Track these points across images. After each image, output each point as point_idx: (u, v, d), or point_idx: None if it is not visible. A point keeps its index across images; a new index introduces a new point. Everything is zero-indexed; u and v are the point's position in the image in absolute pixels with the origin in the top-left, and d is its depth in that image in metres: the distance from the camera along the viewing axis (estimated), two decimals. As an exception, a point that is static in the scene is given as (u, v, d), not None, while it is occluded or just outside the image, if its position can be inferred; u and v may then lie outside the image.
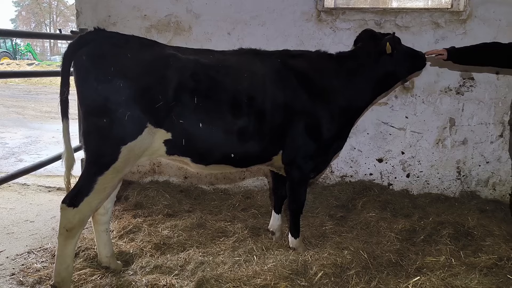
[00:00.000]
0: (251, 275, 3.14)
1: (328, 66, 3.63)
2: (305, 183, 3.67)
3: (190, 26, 5.10)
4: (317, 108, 3.43)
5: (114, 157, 2.87)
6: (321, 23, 4.90)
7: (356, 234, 4.11)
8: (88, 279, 3.18)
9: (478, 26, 4.65)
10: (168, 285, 3.00)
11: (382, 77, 3.67)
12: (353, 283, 3.15)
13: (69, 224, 2.89)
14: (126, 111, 2.81)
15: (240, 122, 3.15)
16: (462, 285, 2.92)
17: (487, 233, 4.10)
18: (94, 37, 2.93)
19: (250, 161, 3.45)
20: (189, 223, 4.27)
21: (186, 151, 3.12)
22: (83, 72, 2.83)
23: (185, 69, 2.99)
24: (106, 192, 2.99)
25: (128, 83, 2.82)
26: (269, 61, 3.41)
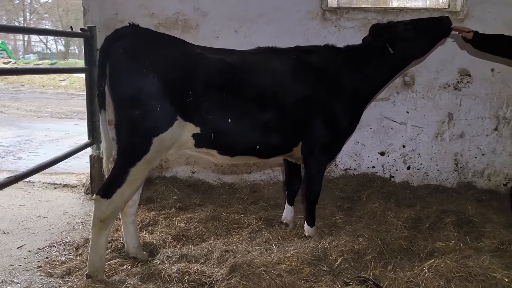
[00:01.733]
0: (276, 261, 3.28)
1: (338, 58, 3.76)
2: (322, 173, 3.85)
3: (197, 24, 5.21)
4: (332, 100, 3.61)
5: (146, 148, 2.98)
6: (326, 21, 5.08)
7: (366, 223, 4.30)
8: (119, 268, 3.28)
9: (475, 26, 4.85)
10: (199, 271, 3.11)
11: (393, 65, 3.78)
12: (371, 267, 3.33)
13: (103, 215, 3.00)
14: (158, 103, 2.92)
15: (264, 116, 3.32)
16: (475, 265, 3.12)
17: (486, 220, 4.35)
18: (129, 31, 3.05)
19: (273, 152, 3.61)
20: (203, 216, 4.39)
21: (213, 144, 3.26)
22: (118, 65, 2.92)
23: (213, 67, 3.13)
24: (138, 183, 3.10)
25: (160, 77, 2.93)
26: (286, 58, 3.57)
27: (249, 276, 2.91)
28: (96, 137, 5.27)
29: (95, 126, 5.23)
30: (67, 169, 6.43)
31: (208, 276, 3.08)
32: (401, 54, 3.69)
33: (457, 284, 3.01)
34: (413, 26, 3.68)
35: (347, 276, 3.24)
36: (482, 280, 3.00)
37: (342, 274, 3.27)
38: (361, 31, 5.05)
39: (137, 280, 3.05)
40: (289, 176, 4.19)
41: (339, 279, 3.19)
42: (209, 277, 3.07)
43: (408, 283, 3.11)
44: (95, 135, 5.25)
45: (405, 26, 3.67)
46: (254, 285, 2.84)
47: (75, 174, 6.13)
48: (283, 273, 3.08)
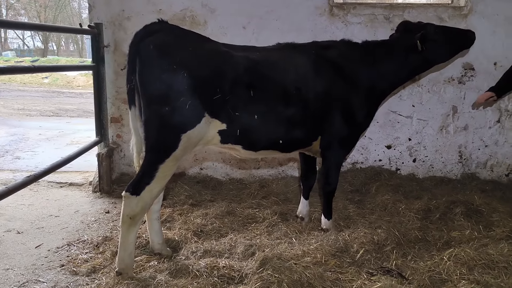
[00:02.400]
0: (300, 254, 3.34)
1: (356, 53, 3.81)
2: (339, 167, 3.92)
3: (205, 20, 5.20)
4: (351, 95, 3.67)
5: (175, 145, 3.00)
6: (334, 17, 5.13)
7: (378, 215, 4.39)
8: (146, 265, 3.29)
9: (478, 21, 5.03)
10: (227, 266, 3.15)
11: (414, 64, 3.84)
12: (393, 258, 3.41)
13: (132, 212, 3.01)
14: (188, 100, 2.94)
15: (288, 111, 3.36)
16: (496, 253, 3.24)
17: (493, 210, 4.48)
18: (159, 27, 3.07)
19: (295, 146, 3.67)
20: (219, 211, 4.42)
21: (239, 140, 3.29)
22: (149, 61, 2.93)
23: (239, 65, 3.16)
24: (166, 180, 3.11)
25: (190, 73, 2.95)
26: (306, 54, 3.61)
27: (280, 269, 2.95)
28: (104, 135, 5.24)
29: (103, 124, 5.19)
30: (70, 167, 6.32)
31: (237, 270, 3.12)
32: (426, 55, 3.76)
33: (479, 271, 3.11)
34: (442, 31, 3.83)
35: (370, 267, 3.33)
36: (505, 267, 3.11)
37: (365, 265, 3.36)
38: (368, 27, 5.13)
39: (167, 276, 3.06)
40: (305, 170, 4.25)
41: (363, 270, 3.27)
42: (239, 271, 3.11)
43: (430, 272, 3.21)
44: (103, 133, 5.22)
45: (435, 29, 3.78)
46: (286, 277, 2.88)
47: (80, 173, 6.07)
48: (310, 265, 3.14)
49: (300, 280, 2.92)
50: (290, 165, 5.54)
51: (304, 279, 2.95)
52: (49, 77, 24.53)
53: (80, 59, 34.95)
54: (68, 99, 17.08)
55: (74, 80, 23.48)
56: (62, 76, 23.91)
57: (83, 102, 15.94)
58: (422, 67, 3.95)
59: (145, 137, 3.05)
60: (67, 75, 23.82)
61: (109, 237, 3.87)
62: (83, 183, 5.64)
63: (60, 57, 37.06)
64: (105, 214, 4.56)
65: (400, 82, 4.02)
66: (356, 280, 3.08)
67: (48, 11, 45.54)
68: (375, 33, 5.13)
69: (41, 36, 46.74)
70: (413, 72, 3.95)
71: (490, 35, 5.04)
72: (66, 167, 6.23)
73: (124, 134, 5.50)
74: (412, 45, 3.72)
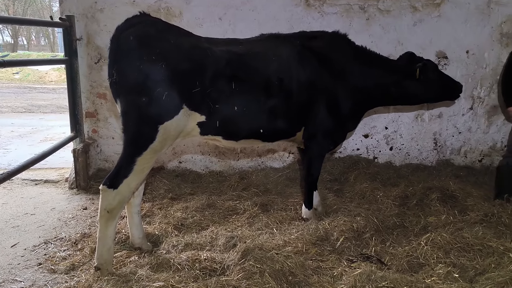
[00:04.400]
0: (282, 244, 3.36)
1: (347, 49, 3.82)
2: (322, 158, 3.94)
3: (180, 12, 5.13)
4: (336, 86, 3.67)
5: (152, 137, 2.97)
6: (309, 8, 5.13)
7: (357, 203, 4.46)
8: (126, 260, 3.25)
9: (451, 10, 5.12)
10: (209, 258, 3.14)
11: (400, 88, 3.90)
12: (372, 244, 3.47)
13: (109, 206, 2.97)
14: (165, 91, 2.92)
15: (270, 102, 3.36)
16: (471, 236, 3.33)
17: (467, 194, 4.60)
18: (140, 20, 3.08)
19: (277, 136, 3.67)
20: (199, 204, 4.41)
21: (219, 131, 3.28)
22: (128, 51, 2.91)
23: (221, 59, 3.15)
24: (144, 173, 3.08)
25: (169, 65, 2.93)
26: (290, 44, 3.59)
27: (262, 259, 2.96)
28: (79, 130, 5.13)
29: (77, 119, 5.08)
30: (44, 164, 6.17)
31: (219, 262, 3.12)
32: (416, 87, 3.87)
33: (456, 254, 3.20)
34: (439, 73, 3.98)
35: (350, 254, 3.38)
36: (479, 249, 3.21)
37: (345, 252, 3.41)
38: (344, 17, 5.15)
39: (148, 270, 3.03)
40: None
41: (344, 257, 3.32)
42: (220, 263, 3.11)
43: (408, 256, 3.28)
44: (78, 128, 5.11)
45: (435, 68, 3.92)
46: (268, 267, 2.90)
47: (55, 169, 5.94)
48: (292, 254, 3.16)
49: (282, 270, 2.94)
50: (270, 156, 5.55)
51: (285, 269, 2.97)
52: (20, 73, 23.75)
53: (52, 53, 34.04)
54: (41, 95, 16.62)
55: (46, 75, 22.84)
56: (34, 71, 23.21)
57: (57, 98, 15.56)
58: (405, 95, 3.97)
59: (123, 129, 3.01)
60: (39, 70, 23.15)
61: (88, 234, 3.80)
62: (59, 180, 5.52)
63: (31, 51, 36.00)
64: (83, 210, 4.48)
65: (380, 98, 4.02)
66: (336, 268, 3.12)
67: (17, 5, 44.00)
68: (350, 23, 5.16)
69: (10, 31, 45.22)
70: (395, 94, 3.95)
71: (462, 23, 5.14)
72: (41, 164, 6.07)
73: (100, 129, 5.40)
74: (410, 70, 3.82)
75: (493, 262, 3.05)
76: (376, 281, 2.79)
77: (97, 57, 5.20)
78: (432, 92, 3.98)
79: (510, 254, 3.08)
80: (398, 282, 2.79)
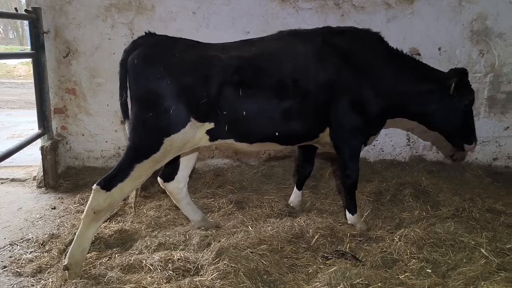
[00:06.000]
0: (257, 242, 3.31)
1: (377, 48, 3.66)
2: (356, 159, 3.74)
3: (153, 5, 5.00)
4: (361, 84, 3.50)
5: (156, 148, 3.02)
6: (284, 3, 5.09)
7: (332, 200, 4.48)
8: (96, 262, 3.14)
9: (424, 7, 5.17)
10: (182, 258, 3.07)
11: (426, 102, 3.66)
12: (347, 241, 3.48)
13: (98, 207, 2.94)
14: (172, 105, 2.99)
15: (284, 104, 3.28)
16: (443, 232, 3.37)
17: (439, 190, 4.69)
18: (144, 40, 3.20)
19: (297, 139, 3.59)
20: (173, 202, 4.30)
21: (229, 135, 3.27)
22: (135, 73, 3.06)
23: (228, 67, 3.15)
24: (140, 180, 3.09)
25: (174, 80, 3.01)
26: (310, 41, 3.48)
27: (236, 259, 2.92)
28: (47, 127, 4.95)
29: (45, 116, 4.90)
30: (11, 162, 5.95)
31: (193, 262, 3.05)
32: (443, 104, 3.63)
33: (428, 250, 3.23)
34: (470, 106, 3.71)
35: (325, 251, 3.37)
36: (451, 244, 3.25)
37: (320, 249, 3.40)
38: (319, 13, 5.14)
39: (119, 272, 2.95)
40: (301, 160, 4.18)
41: (319, 254, 3.30)
42: (194, 263, 3.05)
43: (382, 252, 3.29)
44: (46, 125, 4.93)
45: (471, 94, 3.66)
46: (243, 266, 2.86)
47: (22, 167, 5.72)
48: (267, 252, 3.13)
49: (257, 269, 2.91)
50: (245, 153, 5.50)
51: (260, 267, 2.94)
52: (-16, 67, 22.92)
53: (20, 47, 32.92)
54: (9, 90, 16.04)
55: (14, 70, 22.07)
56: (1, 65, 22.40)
57: (25, 93, 15.03)
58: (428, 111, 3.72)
59: (129, 135, 3.07)
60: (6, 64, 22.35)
61: (56, 235, 3.66)
62: (26, 178, 5.31)
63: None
64: (51, 210, 4.32)
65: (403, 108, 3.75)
66: (311, 265, 3.11)
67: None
68: (325, 19, 5.14)
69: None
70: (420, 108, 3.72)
71: (434, 20, 5.20)
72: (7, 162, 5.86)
73: (69, 126, 5.23)
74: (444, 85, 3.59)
75: (464, 257, 3.09)
76: (351, 278, 2.79)
77: (65, 51, 5.03)
78: (452, 120, 3.68)
79: (481, 249, 3.13)
80: (373, 278, 2.80)
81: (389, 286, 2.76)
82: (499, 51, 5.31)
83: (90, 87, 5.18)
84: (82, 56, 5.08)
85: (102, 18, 5.00)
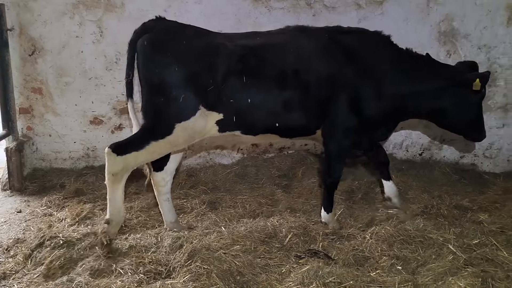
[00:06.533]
0: (230, 243, 3.30)
1: (385, 50, 3.69)
2: (342, 159, 3.76)
3: (122, 3, 4.89)
4: (361, 85, 3.50)
5: (168, 131, 3.21)
6: (257, 2, 5.08)
7: (305, 199, 4.50)
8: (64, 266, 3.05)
9: (393, 8, 5.25)
10: (154, 260, 3.02)
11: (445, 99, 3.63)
12: (320, 240, 3.50)
13: (114, 169, 3.21)
14: (181, 93, 3.14)
15: (284, 95, 3.36)
16: (412, 229, 3.44)
17: (409, 187, 4.81)
18: (155, 24, 3.31)
19: (295, 132, 3.65)
20: (144, 204, 4.27)
21: (237, 126, 3.39)
22: (144, 56, 3.19)
23: (233, 55, 3.24)
24: (153, 156, 3.31)
25: (182, 67, 3.14)
26: (316, 36, 3.54)
27: (209, 260, 2.90)
28: (12, 128, 4.78)
29: (10, 116, 4.73)
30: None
31: (164, 264, 3.02)
32: (464, 99, 3.62)
33: (398, 247, 3.29)
34: (482, 96, 3.71)
35: (298, 250, 3.39)
36: (421, 241, 3.32)
37: (293, 248, 3.41)
38: (291, 12, 5.14)
39: (88, 277, 2.87)
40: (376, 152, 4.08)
41: (292, 253, 3.31)
42: (166, 265, 3.01)
43: (354, 250, 3.34)
44: (11, 126, 4.76)
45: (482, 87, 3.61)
46: (216, 268, 2.84)
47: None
48: (240, 253, 3.12)
49: (230, 270, 2.90)
50: (218, 152, 5.46)
51: (233, 268, 2.93)
52: None
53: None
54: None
55: (-22, 68, 21.23)
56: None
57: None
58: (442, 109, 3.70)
59: (143, 116, 3.28)
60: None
61: (21, 239, 3.54)
62: (-11, 181, 5.11)
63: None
64: (17, 214, 4.17)
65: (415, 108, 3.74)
66: (285, 265, 3.12)
67: None
68: (298, 18, 5.15)
69: None
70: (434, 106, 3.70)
71: (404, 21, 5.28)
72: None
73: (36, 126, 5.07)
74: (461, 80, 3.58)
75: (433, 253, 3.17)
76: (323, 276, 2.81)
77: (31, 49, 4.86)
78: (469, 114, 3.69)
79: (449, 245, 3.21)
80: (344, 276, 2.83)
81: (360, 283, 2.79)
82: (465, 52, 5.44)
83: (57, 86, 5.03)
84: (48, 54, 4.92)
85: (70, 15, 4.86)
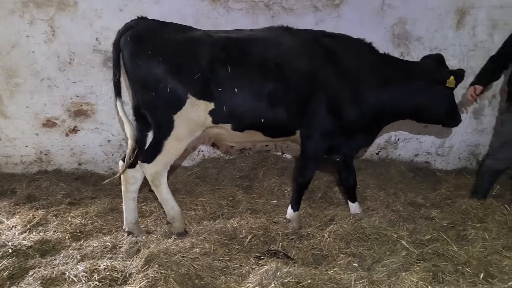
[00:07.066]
0: (189, 246, 3.26)
1: (366, 56, 3.75)
2: (317, 160, 3.81)
3: (75, 1, 4.73)
4: (341, 88, 3.54)
5: (170, 125, 3.33)
6: (215, 3, 5.05)
7: (266, 199, 4.52)
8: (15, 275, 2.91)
9: (349, 11, 5.36)
10: (109, 267, 2.94)
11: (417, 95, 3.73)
12: (280, 240, 3.52)
13: (150, 177, 3.46)
14: (167, 83, 3.24)
15: (267, 88, 3.42)
16: (368, 226, 3.53)
17: (366, 186, 4.92)
18: (136, 22, 3.44)
19: (277, 131, 3.66)
20: (101, 209, 4.15)
21: (227, 117, 3.45)
22: (128, 52, 3.30)
23: (217, 44, 3.36)
24: (174, 154, 3.46)
25: (165, 57, 3.23)
26: (299, 35, 3.61)
27: (166, 264, 2.85)
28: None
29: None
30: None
31: (120, 271, 2.93)
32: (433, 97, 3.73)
33: (355, 244, 3.37)
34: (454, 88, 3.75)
35: (258, 251, 3.40)
36: (376, 238, 3.41)
37: (253, 249, 3.42)
38: (249, 13, 5.14)
39: (39, 286, 2.76)
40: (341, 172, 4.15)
41: (252, 255, 3.32)
42: (122, 271, 2.93)
43: (313, 249, 3.40)
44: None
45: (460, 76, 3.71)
46: (173, 272, 2.80)
47: None
48: (199, 256, 3.08)
49: (188, 273, 2.87)
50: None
51: (192, 272, 2.89)
52: None
53: None
54: None
55: None
56: None
57: None
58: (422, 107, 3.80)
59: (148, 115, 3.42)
60: None
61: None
62: None
63: None
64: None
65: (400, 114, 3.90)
66: (244, 266, 3.12)
67: None
68: (256, 20, 5.17)
69: None
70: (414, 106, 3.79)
71: (359, 24, 5.39)
72: None
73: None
74: (435, 78, 3.69)
75: (388, 249, 3.26)
76: (282, 276, 2.82)
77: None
78: (445, 106, 3.82)
79: (402, 241, 3.32)
80: (303, 276, 2.86)
81: (318, 282, 2.82)
82: (418, 54, 5.62)
83: (7, 87, 4.81)
84: (-4, 54, 4.70)
85: (19, 13, 4.65)
